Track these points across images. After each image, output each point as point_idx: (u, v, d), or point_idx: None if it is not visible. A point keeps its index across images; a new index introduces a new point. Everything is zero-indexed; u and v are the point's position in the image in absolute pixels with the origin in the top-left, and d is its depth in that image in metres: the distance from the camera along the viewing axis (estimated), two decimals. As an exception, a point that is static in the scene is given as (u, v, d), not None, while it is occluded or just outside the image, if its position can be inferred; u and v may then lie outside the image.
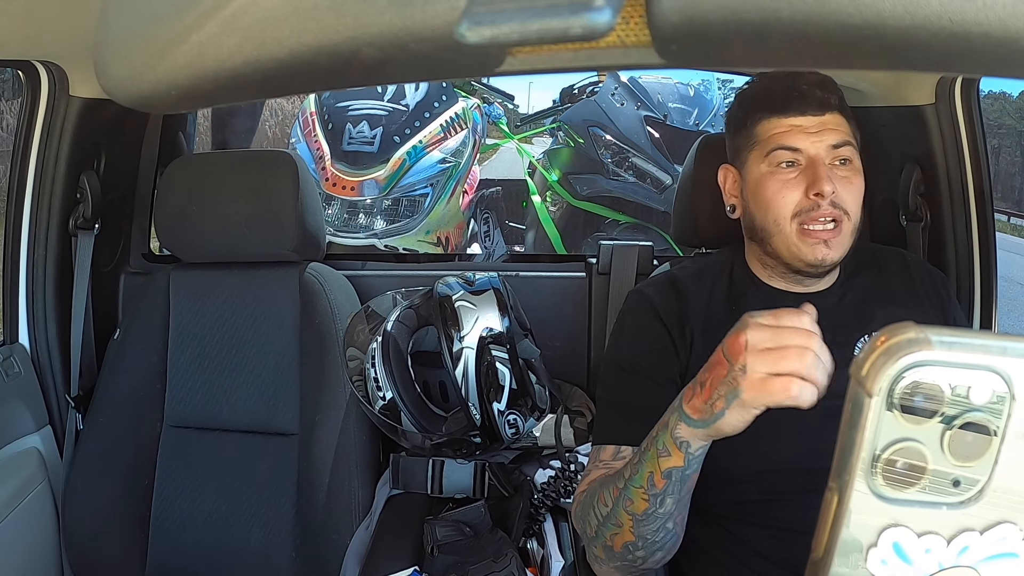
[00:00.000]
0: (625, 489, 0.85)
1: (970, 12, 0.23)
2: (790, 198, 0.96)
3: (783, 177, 0.97)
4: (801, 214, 0.96)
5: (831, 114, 0.96)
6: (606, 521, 0.88)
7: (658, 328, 1.03)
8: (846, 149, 0.96)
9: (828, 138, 0.95)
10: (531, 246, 3.61)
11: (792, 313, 0.73)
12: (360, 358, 1.37)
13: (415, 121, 2.91)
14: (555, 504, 1.31)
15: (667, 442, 0.80)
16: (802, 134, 0.96)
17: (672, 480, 0.81)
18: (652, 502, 0.83)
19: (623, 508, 0.85)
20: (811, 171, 0.95)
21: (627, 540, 0.87)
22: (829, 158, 0.96)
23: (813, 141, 0.95)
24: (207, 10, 0.25)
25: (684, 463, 0.80)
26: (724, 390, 0.73)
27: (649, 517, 0.84)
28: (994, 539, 0.30)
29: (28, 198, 1.45)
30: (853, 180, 0.97)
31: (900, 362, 0.29)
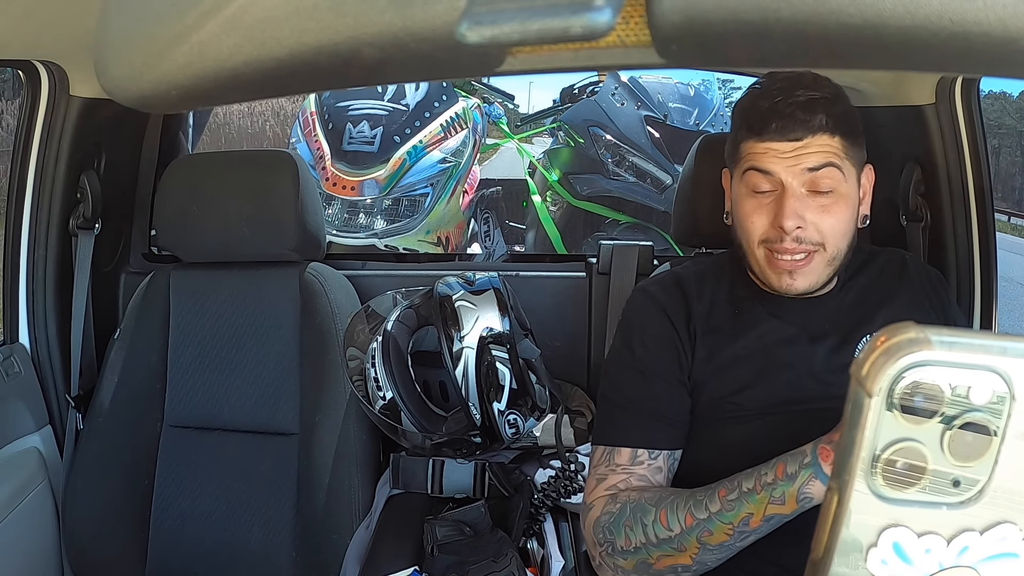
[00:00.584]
0: (708, 521, 0.85)
1: (970, 12, 0.23)
2: (758, 224, 0.94)
3: (755, 202, 0.95)
4: (767, 242, 0.94)
5: (813, 136, 0.91)
6: (663, 543, 0.87)
7: (667, 327, 1.02)
8: (827, 171, 0.91)
9: (805, 161, 0.91)
10: (531, 246, 3.61)
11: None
12: (360, 358, 1.37)
13: (415, 121, 2.91)
14: (555, 504, 1.31)
15: (788, 494, 0.80)
16: (776, 158, 0.92)
17: (771, 523, 0.82)
18: (735, 536, 0.83)
19: (696, 536, 0.85)
20: (779, 202, 0.92)
21: (681, 562, 0.87)
22: (805, 185, 0.92)
23: (788, 166, 0.91)
24: (207, 10, 0.25)
25: (793, 512, 0.81)
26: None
27: (722, 548, 0.85)
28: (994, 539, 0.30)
29: (28, 198, 1.45)
30: (832, 209, 0.92)
31: (900, 362, 0.29)
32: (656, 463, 0.98)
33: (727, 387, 0.99)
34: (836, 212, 0.93)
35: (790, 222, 0.91)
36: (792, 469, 0.80)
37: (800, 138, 0.91)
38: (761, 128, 0.92)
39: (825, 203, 0.92)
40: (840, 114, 0.92)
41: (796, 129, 0.91)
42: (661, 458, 0.98)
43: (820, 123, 0.91)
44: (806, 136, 0.91)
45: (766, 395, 0.98)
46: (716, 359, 1.00)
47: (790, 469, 0.80)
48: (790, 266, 0.93)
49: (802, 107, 0.91)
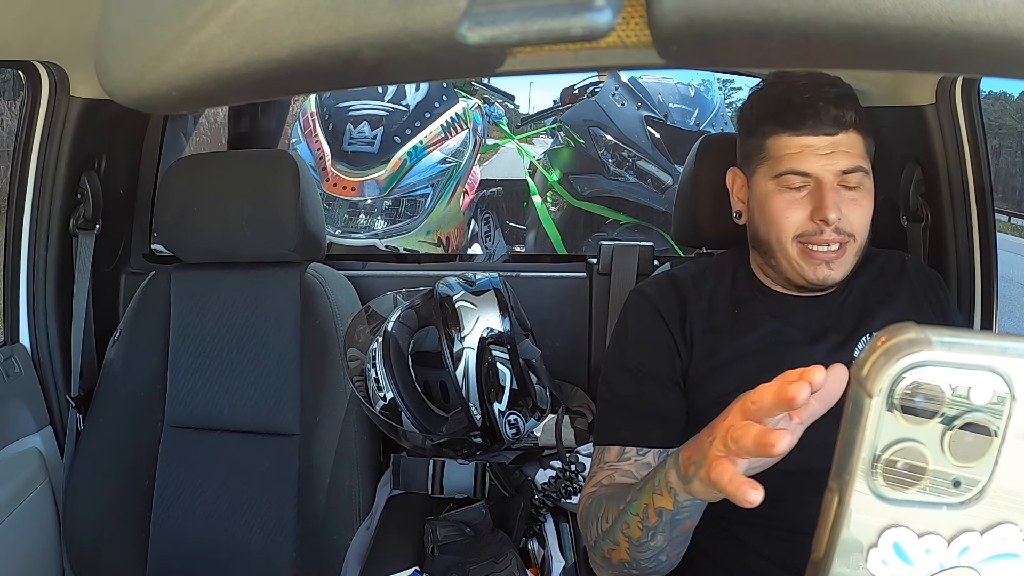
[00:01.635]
0: (624, 512, 0.84)
1: (971, 12, 0.23)
2: (794, 219, 0.95)
3: (789, 197, 0.95)
4: (804, 236, 0.95)
5: (845, 133, 0.93)
6: (605, 536, 0.88)
7: (660, 328, 1.03)
8: (856, 175, 0.94)
9: (839, 162, 0.93)
10: (532, 246, 3.61)
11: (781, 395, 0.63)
12: (361, 358, 1.37)
13: (416, 121, 2.91)
14: (556, 504, 1.31)
15: (661, 482, 0.77)
16: (813, 155, 0.93)
17: (662, 520, 0.79)
18: (645, 533, 0.82)
19: (620, 530, 0.85)
20: (817, 195, 0.93)
21: (623, 558, 0.87)
22: (838, 181, 0.94)
23: (824, 164, 0.93)
24: (208, 11, 0.25)
25: (673, 508, 0.77)
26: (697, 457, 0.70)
27: (642, 545, 0.83)
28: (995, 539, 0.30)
29: (29, 198, 1.46)
30: (862, 202, 0.95)
31: (901, 362, 0.29)
32: (644, 459, 0.98)
33: (726, 386, 0.99)
34: (864, 204, 0.95)
35: (833, 214, 0.92)
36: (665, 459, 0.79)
37: (835, 133, 0.93)
38: (796, 123, 0.93)
39: (855, 196, 0.95)
40: (863, 111, 0.95)
41: (831, 124, 0.92)
42: (650, 455, 0.98)
43: (851, 119, 0.93)
44: (839, 132, 0.93)
45: None
46: (715, 358, 1.00)
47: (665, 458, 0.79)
48: (828, 256, 0.95)
49: (835, 102, 0.93)
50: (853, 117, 0.93)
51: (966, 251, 1.35)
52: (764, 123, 0.97)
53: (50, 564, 1.43)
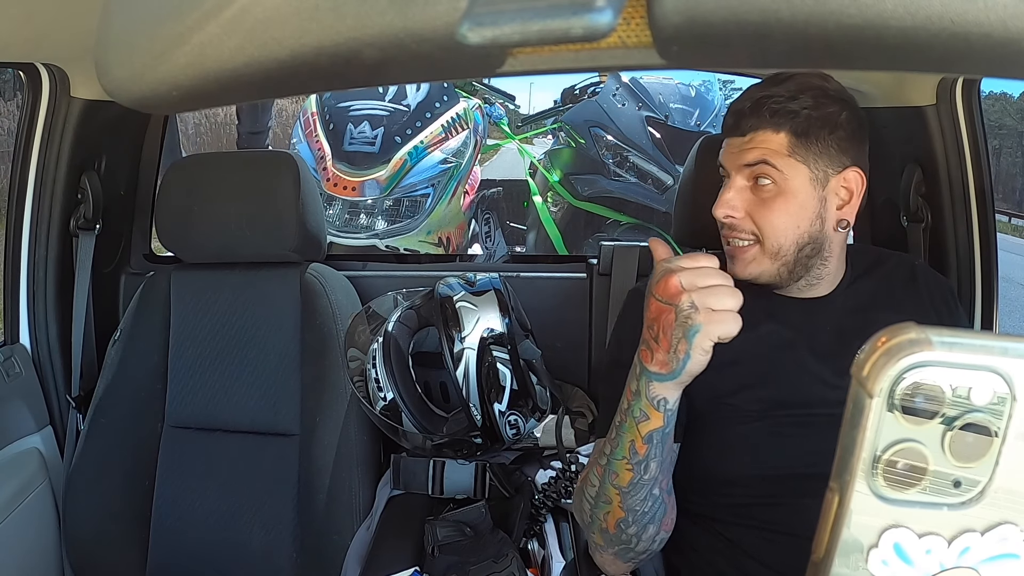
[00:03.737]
0: (608, 464, 0.88)
1: (971, 13, 0.23)
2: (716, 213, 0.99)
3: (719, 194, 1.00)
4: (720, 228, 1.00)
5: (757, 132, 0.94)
6: (597, 501, 0.91)
7: None
8: (761, 167, 0.94)
9: (744, 157, 0.95)
10: (532, 247, 3.61)
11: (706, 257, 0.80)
12: (361, 359, 1.37)
13: (416, 121, 2.91)
14: (556, 505, 1.31)
15: (643, 407, 0.83)
16: (727, 153, 0.98)
17: (654, 443, 0.84)
18: (636, 470, 0.86)
19: (610, 483, 0.88)
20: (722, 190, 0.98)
21: (618, 517, 0.89)
22: (747, 178, 0.96)
23: (732, 160, 0.97)
24: (208, 11, 0.25)
25: (664, 422, 0.83)
26: (680, 332, 0.78)
27: (635, 487, 0.87)
28: (995, 540, 0.30)
29: (29, 199, 1.46)
30: (770, 203, 0.94)
31: (901, 363, 0.29)
32: None
33: (726, 387, 0.99)
34: (773, 206, 0.95)
35: (720, 211, 0.97)
36: (634, 387, 0.84)
37: (744, 133, 0.96)
38: (725, 128, 0.99)
39: (764, 197, 0.95)
40: (794, 111, 0.93)
41: (740, 126, 0.96)
42: None
43: (764, 119, 0.94)
44: (749, 131, 0.95)
45: (765, 396, 0.98)
46: (715, 359, 1.00)
47: (632, 387, 0.84)
48: (732, 251, 0.99)
49: (752, 104, 0.95)
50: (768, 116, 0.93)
51: (966, 251, 1.35)
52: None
53: (50, 564, 1.43)
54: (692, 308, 0.77)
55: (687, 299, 0.77)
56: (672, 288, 0.78)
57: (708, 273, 0.78)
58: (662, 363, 0.80)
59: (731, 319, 0.77)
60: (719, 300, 0.77)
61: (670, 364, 0.79)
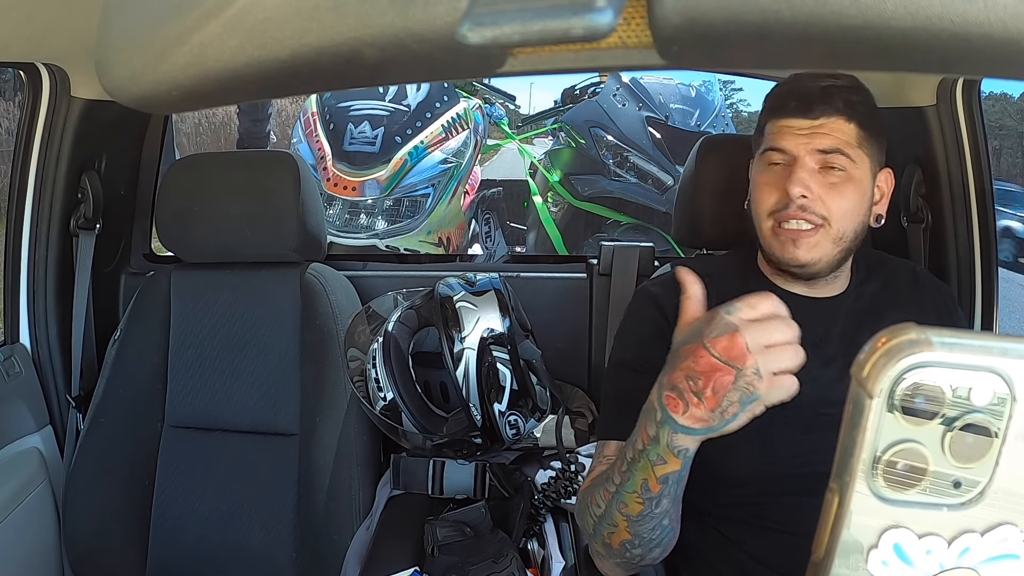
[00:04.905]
0: (618, 493, 0.84)
1: (972, 13, 0.23)
2: (769, 196, 0.97)
3: (768, 175, 0.97)
4: (776, 213, 0.96)
5: (828, 118, 0.94)
6: (601, 521, 0.88)
7: (662, 326, 1.03)
8: (836, 156, 0.94)
9: (817, 142, 0.94)
10: (532, 247, 3.61)
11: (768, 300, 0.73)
12: (361, 358, 1.37)
13: (416, 121, 2.91)
14: (556, 505, 1.31)
15: (661, 452, 0.78)
16: (791, 135, 0.95)
17: (669, 483, 0.81)
18: (647, 505, 0.83)
19: (617, 510, 0.85)
20: (788, 171, 0.95)
21: (624, 539, 0.87)
22: (816, 162, 0.94)
23: (800, 143, 0.95)
24: (209, 10, 0.25)
25: (681, 466, 0.79)
26: (737, 395, 0.71)
27: (644, 518, 0.84)
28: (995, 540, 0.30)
29: (29, 198, 1.46)
30: (841, 188, 0.94)
31: (901, 363, 0.29)
32: None
33: None
34: (844, 191, 0.95)
35: (796, 188, 0.93)
36: (652, 431, 0.78)
37: (815, 117, 0.94)
38: (781, 108, 0.96)
39: (834, 181, 0.95)
40: (858, 103, 0.95)
41: (812, 108, 0.94)
42: None
43: (837, 106, 0.94)
44: (821, 116, 0.94)
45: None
46: None
47: (651, 431, 0.79)
48: (795, 235, 0.95)
49: (822, 89, 0.94)
50: (839, 104, 0.94)
51: (966, 252, 1.35)
52: (764, 112, 1.01)
53: (50, 564, 1.43)
54: (756, 375, 0.70)
55: (752, 364, 0.70)
56: (737, 350, 0.70)
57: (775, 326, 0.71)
58: (700, 419, 0.73)
59: (791, 383, 0.71)
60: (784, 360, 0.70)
61: (710, 422, 0.73)
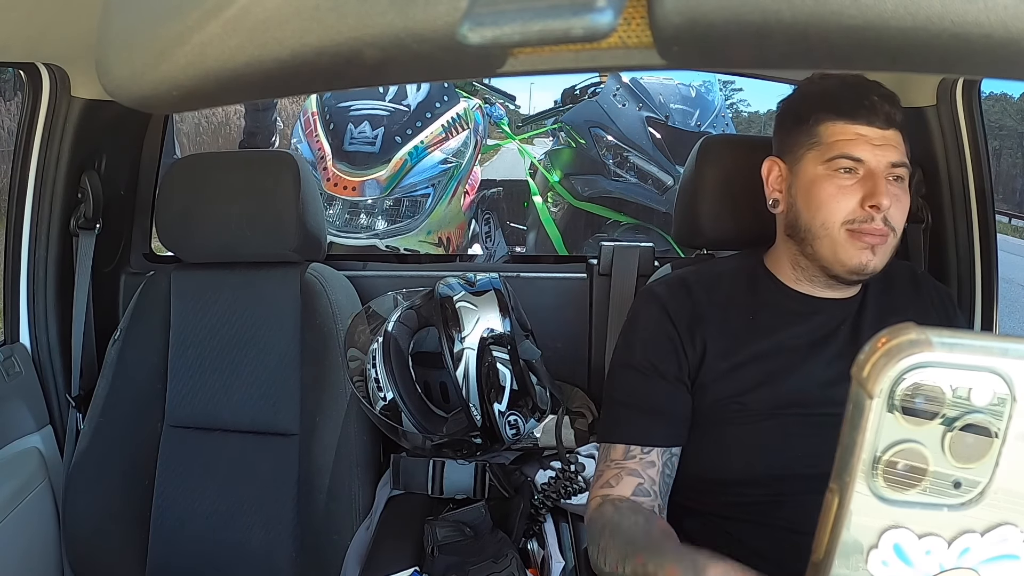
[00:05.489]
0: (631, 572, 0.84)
1: (971, 13, 0.23)
2: (844, 204, 0.95)
3: (840, 183, 0.96)
4: (854, 222, 0.95)
5: (893, 131, 0.96)
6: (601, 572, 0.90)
7: (668, 327, 1.03)
8: (902, 169, 0.96)
9: (890, 154, 0.95)
10: (532, 247, 3.61)
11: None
12: (361, 358, 1.37)
13: (417, 121, 2.91)
14: (556, 505, 1.31)
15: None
16: (867, 144, 0.95)
17: None
18: None
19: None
20: (870, 182, 0.94)
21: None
22: (887, 173, 0.95)
23: (876, 153, 0.95)
24: (209, 10, 0.25)
25: None
26: None
27: None
28: (995, 540, 0.30)
29: (29, 198, 1.46)
30: (903, 199, 0.97)
31: (901, 363, 0.29)
32: (648, 458, 0.98)
33: (737, 387, 0.99)
34: (904, 202, 0.97)
35: (887, 201, 0.93)
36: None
37: (886, 128, 0.95)
38: (852, 112, 0.96)
39: (898, 192, 0.96)
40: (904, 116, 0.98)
41: (884, 118, 0.95)
42: (654, 453, 0.99)
43: (899, 119, 0.96)
44: (890, 127, 0.95)
45: (775, 397, 0.98)
46: (730, 360, 1.01)
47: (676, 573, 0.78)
48: (874, 241, 0.95)
49: (887, 100, 0.96)
50: (900, 117, 0.96)
51: (966, 252, 1.35)
52: (817, 111, 0.98)
53: (49, 564, 1.42)
54: None
55: None
56: None
57: None
58: None
59: None
60: None
61: None
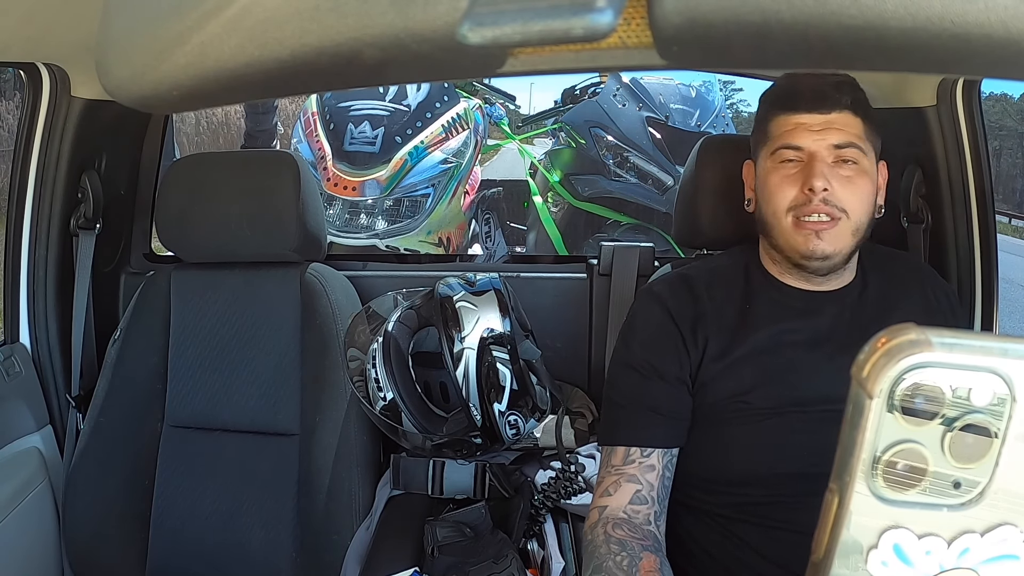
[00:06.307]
0: None
1: (972, 13, 0.23)
2: (787, 192, 0.98)
3: (784, 172, 0.99)
4: (796, 208, 0.98)
5: (840, 113, 0.97)
6: None
7: (669, 327, 1.03)
8: (850, 150, 0.97)
9: (831, 137, 0.96)
10: (532, 247, 3.61)
11: None
12: (361, 358, 1.37)
13: (417, 121, 2.91)
14: (555, 505, 1.31)
15: None
16: (806, 131, 0.97)
17: None
18: None
19: None
20: (807, 167, 0.96)
21: None
22: (831, 157, 0.96)
23: (815, 139, 0.96)
24: (209, 10, 0.25)
25: None
26: None
27: None
28: (995, 541, 0.30)
29: (29, 198, 1.46)
30: (856, 180, 0.97)
31: (901, 363, 0.29)
32: (648, 461, 0.98)
33: (738, 385, 0.99)
34: (858, 183, 0.97)
35: (819, 182, 0.95)
36: None
37: (827, 112, 0.97)
38: (792, 103, 0.98)
39: (848, 175, 0.97)
40: (863, 98, 0.98)
41: (825, 103, 0.97)
42: (654, 456, 0.99)
43: (846, 102, 0.97)
44: (833, 111, 0.97)
45: (777, 394, 0.98)
46: (728, 357, 1.01)
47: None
48: (817, 227, 0.97)
49: (831, 85, 0.97)
50: (848, 100, 0.97)
51: (966, 253, 1.35)
52: (769, 108, 1.02)
53: (49, 564, 1.43)
54: None
55: None
56: None
57: None
58: None
59: None
60: None
61: None
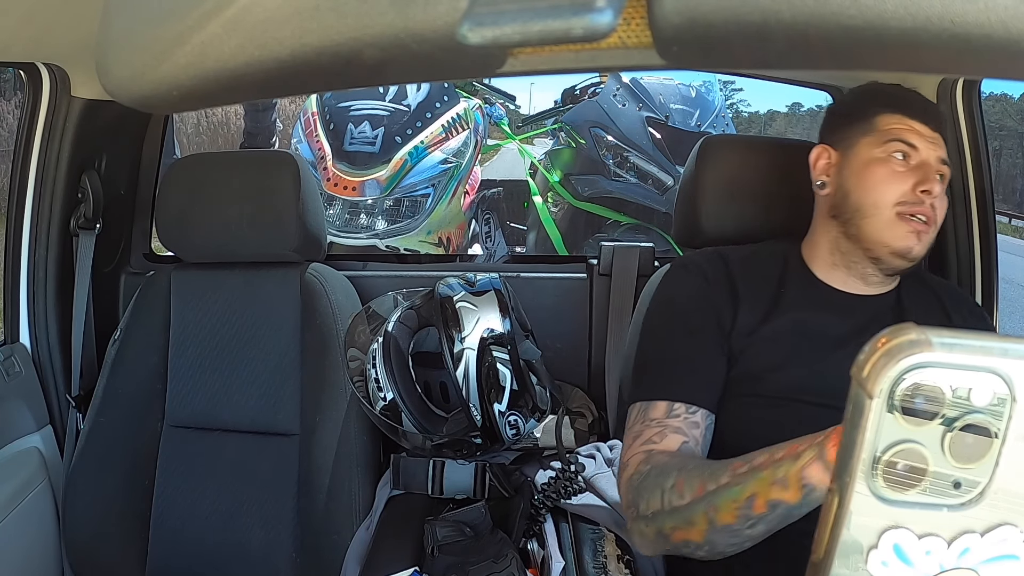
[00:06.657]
0: (716, 494, 0.76)
1: (971, 13, 0.23)
2: (897, 187, 0.99)
3: (894, 167, 1.00)
4: (905, 204, 0.99)
5: (941, 133, 1.02)
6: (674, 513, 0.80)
7: (707, 290, 1.05)
8: (946, 168, 1.01)
9: (939, 151, 1.01)
10: (532, 247, 3.61)
11: None
12: (361, 359, 1.37)
13: (417, 121, 2.91)
14: (555, 505, 1.31)
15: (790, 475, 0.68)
16: (920, 137, 1.00)
17: (775, 512, 0.70)
18: (741, 520, 0.73)
19: (703, 511, 0.76)
20: (922, 171, 0.99)
21: (691, 539, 0.79)
22: (936, 168, 1.00)
23: (928, 146, 1.00)
24: (209, 11, 0.25)
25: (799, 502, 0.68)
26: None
27: (730, 532, 0.75)
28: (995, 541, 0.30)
29: (29, 198, 1.46)
30: (943, 196, 1.01)
31: (901, 364, 0.29)
32: (693, 418, 0.95)
33: (759, 365, 1.00)
34: (945, 202, 1.01)
35: (937, 187, 0.99)
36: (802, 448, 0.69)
37: (936, 127, 1.02)
38: (909, 107, 1.02)
39: (940, 191, 1.01)
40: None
41: (935, 118, 1.02)
42: (699, 415, 0.96)
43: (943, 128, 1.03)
44: (939, 130, 1.02)
45: (794, 381, 0.98)
46: (755, 335, 1.02)
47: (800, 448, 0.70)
48: (920, 227, 0.99)
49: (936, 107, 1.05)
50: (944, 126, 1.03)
51: (966, 253, 1.35)
52: (875, 105, 1.04)
53: (49, 563, 1.43)
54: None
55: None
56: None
57: None
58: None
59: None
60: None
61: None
